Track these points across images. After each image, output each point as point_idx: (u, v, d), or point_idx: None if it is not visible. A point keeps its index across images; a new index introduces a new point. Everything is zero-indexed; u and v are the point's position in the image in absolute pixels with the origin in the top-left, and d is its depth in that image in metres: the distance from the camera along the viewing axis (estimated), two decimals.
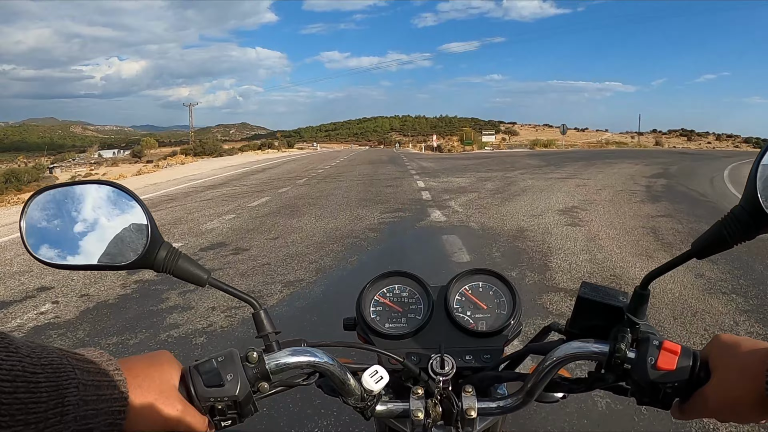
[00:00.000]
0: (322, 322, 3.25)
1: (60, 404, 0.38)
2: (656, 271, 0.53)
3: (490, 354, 0.66)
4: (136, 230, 0.53)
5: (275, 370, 0.55)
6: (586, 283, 0.59)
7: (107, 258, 0.52)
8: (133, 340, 3.11)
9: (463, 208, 7.93)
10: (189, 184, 13.99)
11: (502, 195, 9.45)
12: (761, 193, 0.44)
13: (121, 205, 0.53)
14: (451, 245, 5.31)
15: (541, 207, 7.86)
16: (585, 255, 4.85)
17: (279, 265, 4.72)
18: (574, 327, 0.59)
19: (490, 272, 0.75)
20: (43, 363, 0.38)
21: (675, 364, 0.49)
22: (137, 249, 0.52)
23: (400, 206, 8.20)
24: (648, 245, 5.27)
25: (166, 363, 0.51)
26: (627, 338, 0.53)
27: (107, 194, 0.53)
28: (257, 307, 0.58)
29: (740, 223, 0.46)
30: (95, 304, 3.81)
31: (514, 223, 6.48)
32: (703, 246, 0.49)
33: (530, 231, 5.99)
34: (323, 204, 8.71)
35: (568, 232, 5.94)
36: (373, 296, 0.74)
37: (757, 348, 0.46)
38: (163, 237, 0.54)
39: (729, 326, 3.06)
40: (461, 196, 9.34)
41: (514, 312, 0.70)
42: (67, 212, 0.53)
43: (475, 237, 5.73)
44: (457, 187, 10.95)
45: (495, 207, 7.93)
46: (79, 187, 0.53)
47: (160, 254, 0.53)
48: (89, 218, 0.52)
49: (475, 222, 6.65)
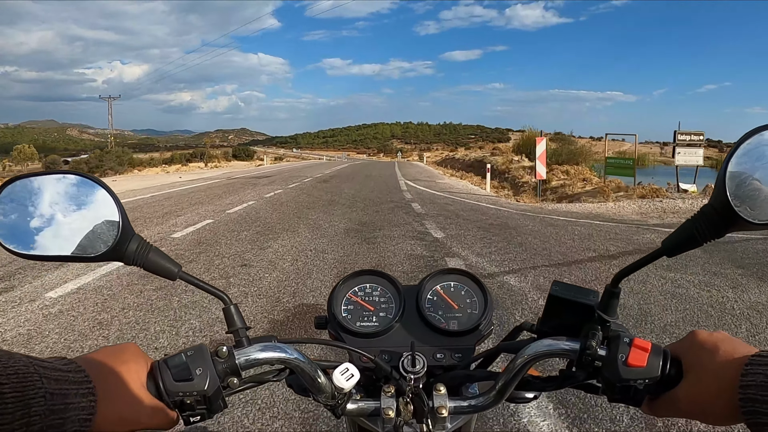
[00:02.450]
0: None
1: (26, 415, 0.37)
2: (626, 269, 0.53)
3: (461, 353, 0.66)
4: (106, 222, 0.52)
5: (245, 365, 0.54)
6: (557, 281, 0.59)
7: (78, 249, 0.51)
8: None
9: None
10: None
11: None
12: (730, 192, 0.44)
13: (92, 196, 0.53)
14: None
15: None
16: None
17: None
18: (545, 325, 0.59)
19: (461, 272, 0.75)
20: (8, 372, 0.37)
21: (645, 361, 0.49)
22: (108, 241, 0.52)
23: None
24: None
25: (132, 358, 0.50)
26: (598, 336, 0.53)
27: (78, 184, 0.53)
28: (228, 301, 0.57)
29: (710, 221, 0.47)
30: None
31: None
32: (674, 244, 0.50)
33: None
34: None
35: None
36: (344, 294, 0.74)
37: (734, 350, 0.46)
38: (134, 229, 0.54)
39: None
40: None
41: (486, 312, 0.70)
42: (38, 202, 0.52)
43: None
44: None
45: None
46: (50, 177, 0.53)
47: (131, 247, 0.53)
48: (59, 208, 0.52)
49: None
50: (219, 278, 4.39)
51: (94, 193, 0.53)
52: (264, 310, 3.54)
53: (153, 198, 11.23)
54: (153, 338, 3.03)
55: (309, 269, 4.64)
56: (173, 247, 5.74)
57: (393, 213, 8.62)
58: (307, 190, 13.34)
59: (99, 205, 0.53)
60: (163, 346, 2.91)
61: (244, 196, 11.43)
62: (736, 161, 0.45)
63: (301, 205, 9.71)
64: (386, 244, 5.78)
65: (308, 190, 13.34)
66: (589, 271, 4.69)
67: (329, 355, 1.85)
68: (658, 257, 0.51)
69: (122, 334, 3.09)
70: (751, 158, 0.45)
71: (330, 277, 4.40)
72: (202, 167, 33.22)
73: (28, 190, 0.52)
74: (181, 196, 11.45)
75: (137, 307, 3.58)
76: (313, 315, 3.66)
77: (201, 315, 3.42)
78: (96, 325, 3.26)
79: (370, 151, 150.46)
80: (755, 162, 0.44)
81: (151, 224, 7.35)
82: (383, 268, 4.52)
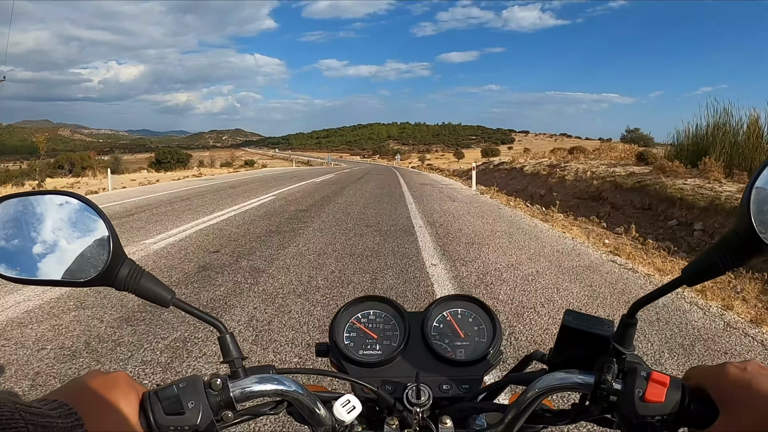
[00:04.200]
0: None
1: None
2: (644, 299, 0.51)
3: (468, 384, 0.64)
4: (97, 245, 0.50)
5: (240, 398, 0.52)
6: (570, 311, 0.57)
7: (67, 273, 0.50)
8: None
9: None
10: None
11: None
12: (755, 218, 0.42)
13: (83, 218, 0.51)
14: None
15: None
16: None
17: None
18: (557, 356, 0.57)
19: (469, 298, 0.73)
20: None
21: (664, 396, 0.47)
22: (98, 265, 0.50)
23: None
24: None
25: (123, 389, 0.48)
26: (613, 369, 0.50)
27: (68, 206, 0.51)
28: (223, 330, 0.55)
29: (733, 248, 0.45)
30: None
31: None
32: (695, 272, 0.48)
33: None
34: None
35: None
36: (347, 321, 0.71)
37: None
38: (126, 253, 0.52)
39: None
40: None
41: (494, 340, 0.68)
42: (25, 223, 0.50)
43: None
44: None
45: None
46: (39, 198, 0.51)
47: (122, 272, 0.51)
48: (48, 230, 0.50)
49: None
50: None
51: (84, 215, 0.51)
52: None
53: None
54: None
55: None
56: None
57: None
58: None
59: (89, 228, 0.51)
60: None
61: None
62: (761, 184, 0.43)
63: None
64: None
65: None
66: None
67: (331, 382, 1.75)
68: (678, 286, 0.49)
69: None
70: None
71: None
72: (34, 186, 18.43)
73: (16, 210, 0.50)
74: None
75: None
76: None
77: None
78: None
79: (364, 152, 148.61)
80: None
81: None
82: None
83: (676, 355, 2.82)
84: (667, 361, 2.74)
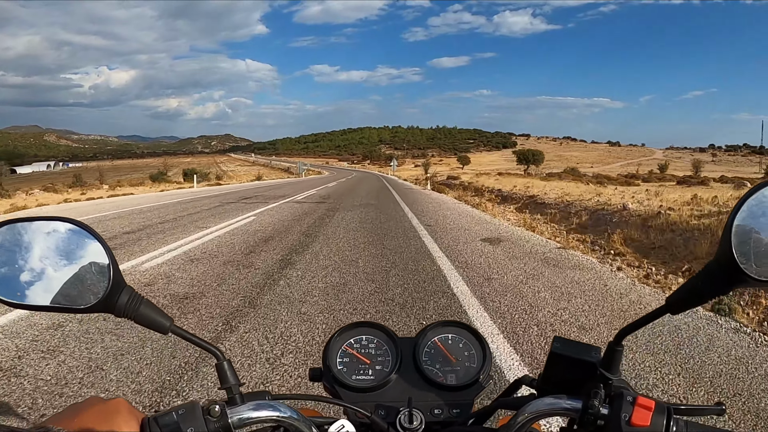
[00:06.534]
0: None
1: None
2: (629, 326, 0.53)
3: (459, 408, 0.65)
4: (97, 272, 0.51)
5: (238, 424, 0.53)
6: (558, 338, 0.58)
7: (67, 300, 0.50)
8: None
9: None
10: None
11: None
12: (736, 249, 0.43)
13: (82, 245, 0.51)
14: None
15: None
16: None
17: None
18: (545, 382, 0.59)
19: (460, 324, 0.74)
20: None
21: (649, 420, 0.49)
22: (98, 292, 0.50)
23: None
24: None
25: (123, 416, 0.48)
26: (600, 394, 0.52)
27: (68, 232, 0.51)
28: (221, 357, 0.56)
29: (714, 278, 0.46)
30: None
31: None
32: (678, 301, 0.49)
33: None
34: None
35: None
36: (340, 347, 0.72)
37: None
38: (125, 281, 0.52)
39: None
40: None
41: (485, 365, 0.69)
42: (25, 249, 0.50)
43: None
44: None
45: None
46: (38, 224, 0.51)
47: (122, 299, 0.52)
48: (48, 257, 0.50)
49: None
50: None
51: (84, 242, 0.52)
52: None
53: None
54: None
55: None
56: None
57: None
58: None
59: (89, 255, 0.51)
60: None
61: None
62: (742, 217, 0.44)
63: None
64: None
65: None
66: None
67: (325, 408, 1.75)
68: (662, 314, 0.50)
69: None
70: (756, 214, 0.44)
71: None
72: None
73: (15, 235, 0.51)
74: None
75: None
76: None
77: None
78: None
79: (354, 157, 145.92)
80: (761, 218, 0.44)
81: None
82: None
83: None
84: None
